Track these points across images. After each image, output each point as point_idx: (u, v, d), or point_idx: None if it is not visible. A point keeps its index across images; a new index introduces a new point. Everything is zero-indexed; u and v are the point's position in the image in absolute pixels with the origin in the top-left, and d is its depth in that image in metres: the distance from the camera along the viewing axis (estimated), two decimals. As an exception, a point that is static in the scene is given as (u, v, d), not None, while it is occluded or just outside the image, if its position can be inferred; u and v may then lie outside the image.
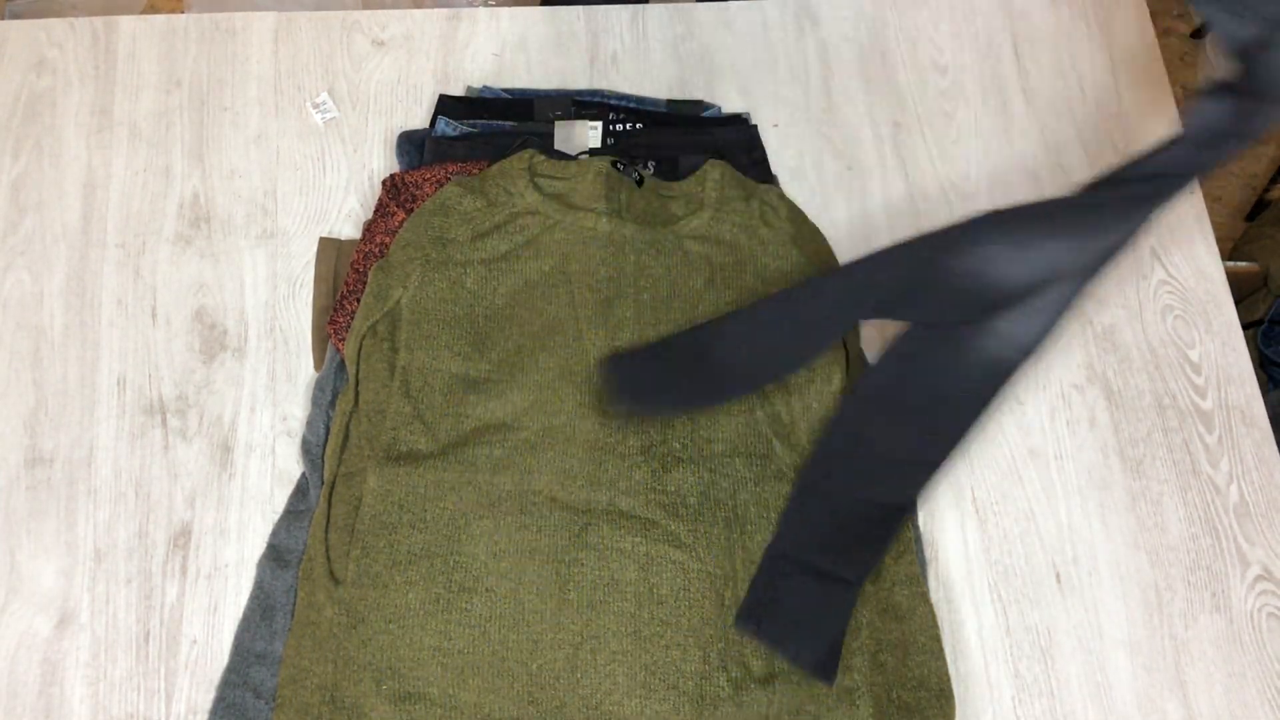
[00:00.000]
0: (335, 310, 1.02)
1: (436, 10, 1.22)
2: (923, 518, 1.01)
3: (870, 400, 0.94)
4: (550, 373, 0.97)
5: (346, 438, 0.97)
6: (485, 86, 1.17)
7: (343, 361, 1.01)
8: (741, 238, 1.04)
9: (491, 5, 1.33)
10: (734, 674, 0.89)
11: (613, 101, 1.15)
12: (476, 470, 0.94)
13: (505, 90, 1.17)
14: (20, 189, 1.12)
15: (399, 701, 0.87)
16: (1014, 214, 0.83)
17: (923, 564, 0.98)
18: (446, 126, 1.11)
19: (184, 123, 1.15)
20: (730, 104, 1.18)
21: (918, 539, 0.99)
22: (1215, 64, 2.10)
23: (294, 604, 0.95)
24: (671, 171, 1.08)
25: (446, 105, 1.14)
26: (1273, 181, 2.02)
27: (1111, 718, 0.94)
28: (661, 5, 1.24)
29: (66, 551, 0.97)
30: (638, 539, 0.92)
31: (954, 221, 0.84)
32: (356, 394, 0.98)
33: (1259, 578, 1.00)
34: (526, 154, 1.04)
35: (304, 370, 1.05)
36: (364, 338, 0.99)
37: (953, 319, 0.87)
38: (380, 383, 0.98)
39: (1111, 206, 0.82)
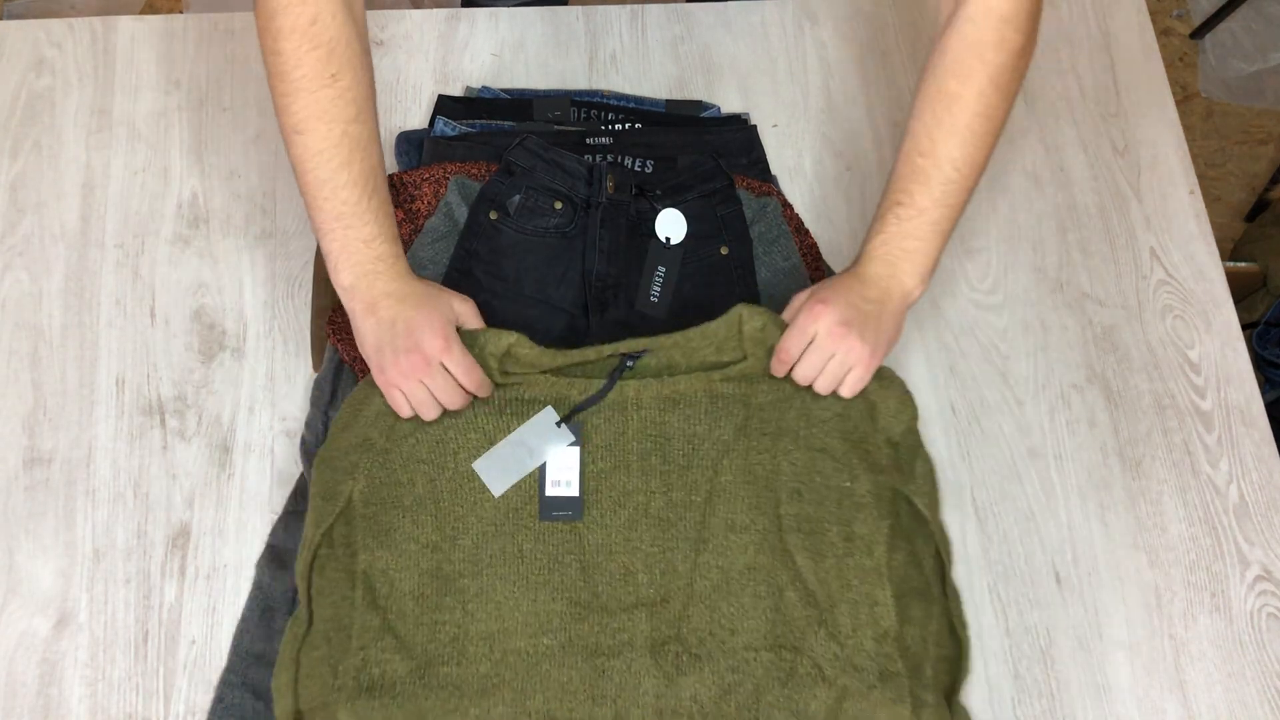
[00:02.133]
0: (334, 310, 1.02)
1: (435, 10, 1.22)
2: (922, 518, 1.01)
3: None
4: (537, 561, 0.86)
5: (298, 670, 0.85)
6: (484, 87, 1.17)
7: (341, 361, 1.01)
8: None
9: None
10: None
11: (612, 102, 1.15)
12: (463, 695, 0.81)
13: (504, 90, 1.17)
14: (19, 189, 1.11)
15: None
16: None
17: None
18: (445, 126, 1.11)
19: (183, 123, 1.15)
20: (729, 104, 1.18)
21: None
22: (1214, 65, 2.10)
23: (292, 605, 0.95)
24: (670, 169, 1.07)
25: (445, 105, 1.14)
26: (1272, 182, 2.02)
27: (1111, 718, 0.94)
28: (661, 5, 1.24)
29: (65, 552, 0.97)
30: None
31: None
32: (310, 615, 0.86)
33: (1259, 578, 1.00)
34: (504, 342, 0.89)
35: (303, 370, 1.05)
36: (318, 549, 0.88)
37: None
38: (340, 595, 0.86)
39: None
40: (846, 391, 0.89)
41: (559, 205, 1.00)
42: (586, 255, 1.01)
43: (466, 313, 0.90)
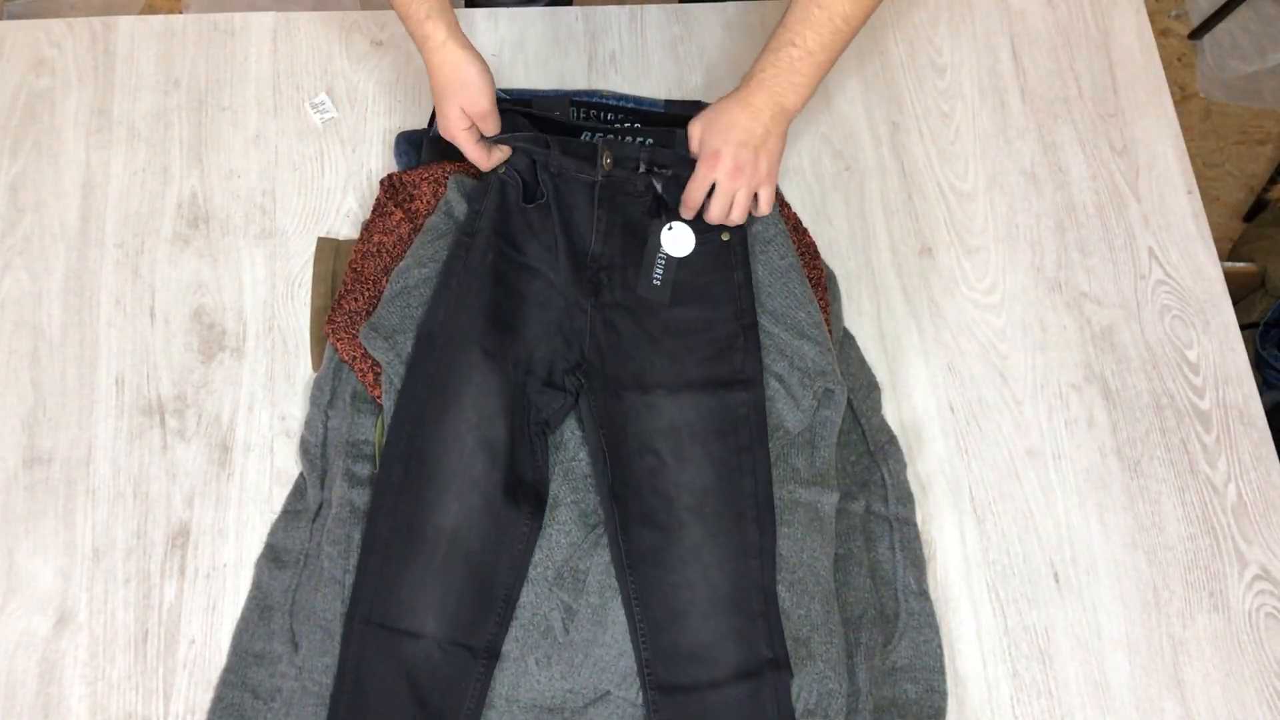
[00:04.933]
0: (333, 310, 1.02)
1: (435, 10, 1.22)
2: (921, 517, 1.01)
3: None
4: None
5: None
6: (484, 86, 1.17)
7: (341, 361, 1.01)
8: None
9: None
10: None
11: (611, 102, 1.15)
12: None
13: (504, 90, 1.17)
14: (19, 189, 1.12)
15: None
16: None
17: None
18: (445, 126, 1.11)
19: (182, 123, 1.15)
20: (728, 104, 1.18)
21: (915, 538, 0.99)
22: (1213, 65, 2.10)
23: (291, 604, 0.95)
24: (668, 145, 1.05)
25: (445, 105, 1.14)
26: (1271, 182, 2.02)
27: (1110, 717, 0.94)
28: (660, 6, 1.24)
29: (65, 551, 0.97)
30: None
31: None
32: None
33: (1257, 577, 1.00)
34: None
35: (302, 370, 1.05)
36: None
37: None
38: None
39: None
40: (763, 210, 0.99)
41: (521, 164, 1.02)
42: (579, 233, 1.01)
43: (478, 122, 0.98)
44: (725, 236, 1.01)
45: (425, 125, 1.15)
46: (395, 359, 0.97)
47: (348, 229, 1.11)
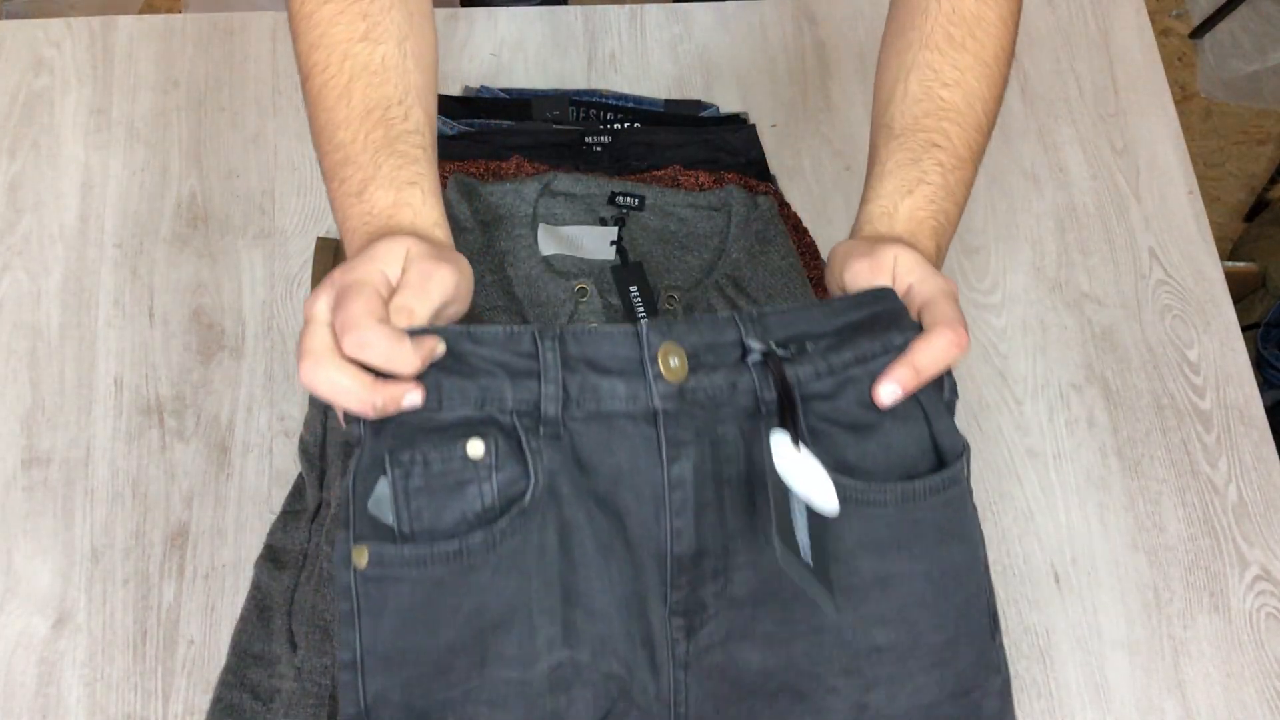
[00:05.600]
0: (333, 310, 1.01)
1: (434, 10, 1.21)
2: (921, 518, 1.01)
3: None
4: None
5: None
6: (483, 86, 1.17)
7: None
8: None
9: None
10: None
11: (610, 101, 1.15)
12: None
13: (503, 90, 1.17)
14: (17, 189, 1.11)
15: None
16: None
17: None
18: (444, 126, 1.11)
19: (182, 123, 1.15)
20: (728, 104, 1.18)
21: None
22: (1213, 65, 2.10)
23: (290, 605, 0.95)
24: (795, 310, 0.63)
25: (444, 105, 1.14)
26: (1272, 182, 2.02)
27: (1110, 718, 0.94)
28: (660, 6, 1.24)
29: (63, 552, 0.97)
30: None
31: None
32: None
33: (1257, 578, 1.00)
34: None
35: (301, 370, 1.05)
36: None
37: None
38: None
39: None
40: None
41: (474, 448, 0.52)
42: (635, 528, 0.54)
43: (412, 279, 0.53)
44: (967, 470, 0.58)
45: (424, 125, 1.15)
46: (394, 360, 0.94)
47: (347, 229, 1.11)
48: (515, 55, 1.20)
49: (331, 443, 0.99)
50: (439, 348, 0.51)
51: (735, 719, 0.53)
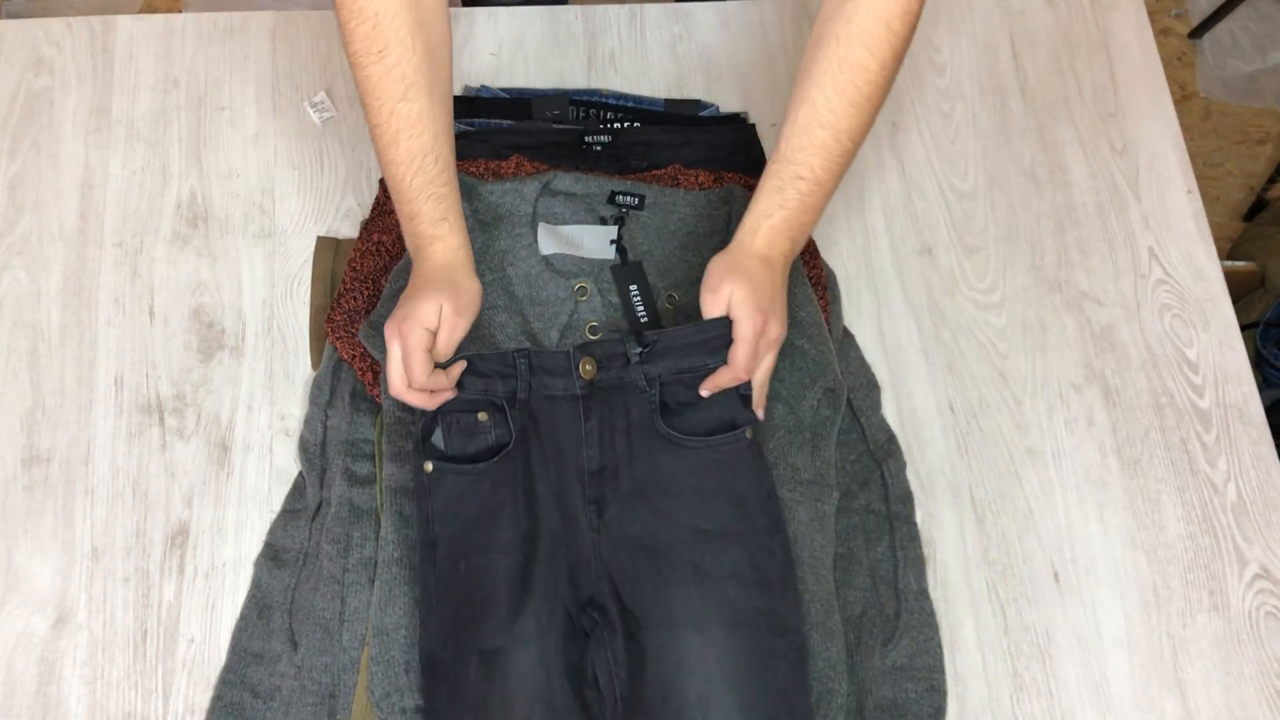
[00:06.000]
0: (332, 309, 1.02)
1: (434, 10, 1.22)
2: (921, 517, 1.01)
3: None
4: None
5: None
6: (483, 86, 1.17)
7: (340, 360, 1.01)
8: None
9: None
10: None
11: (610, 101, 1.15)
12: None
13: (503, 90, 1.17)
14: (18, 188, 1.11)
15: None
16: None
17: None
18: (444, 126, 1.11)
19: (181, 122, 1.15)
20: (728, 103, 1.18)
21: (915, 538, 0.99)
22: (1213, 64, 2.10)
23: (290, 603, 0.95)
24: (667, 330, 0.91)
25: (444, 104, 1.14)
26: (1271, 181, 2.02)
27: (1110, 717, 0.94)
28: (659, 5, 1.24)
29: (64, 550, 0.97)
30: None
31: None
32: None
33: (1257, 576, 1.00)
34: None
35: (301, 369, 1.05)
36: None
37: None
38: None
39: None
40: (759, 396, 0.89)
41: (483, 417, 0.89)
42: (565, 459, 0.89)
43: (444, 334, 0.86)
44: (750, 434, 0.88)
45: (425, 124, 1.15)
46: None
47: (347, 228, 1.11)
48: (515, 55, 1.20)
49: (331, 442, 0.99)
50: (461, 367, 0.88)
51: (624, 565, 0.86)
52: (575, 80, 1.19)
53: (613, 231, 1.03)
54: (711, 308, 0.86)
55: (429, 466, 0.88)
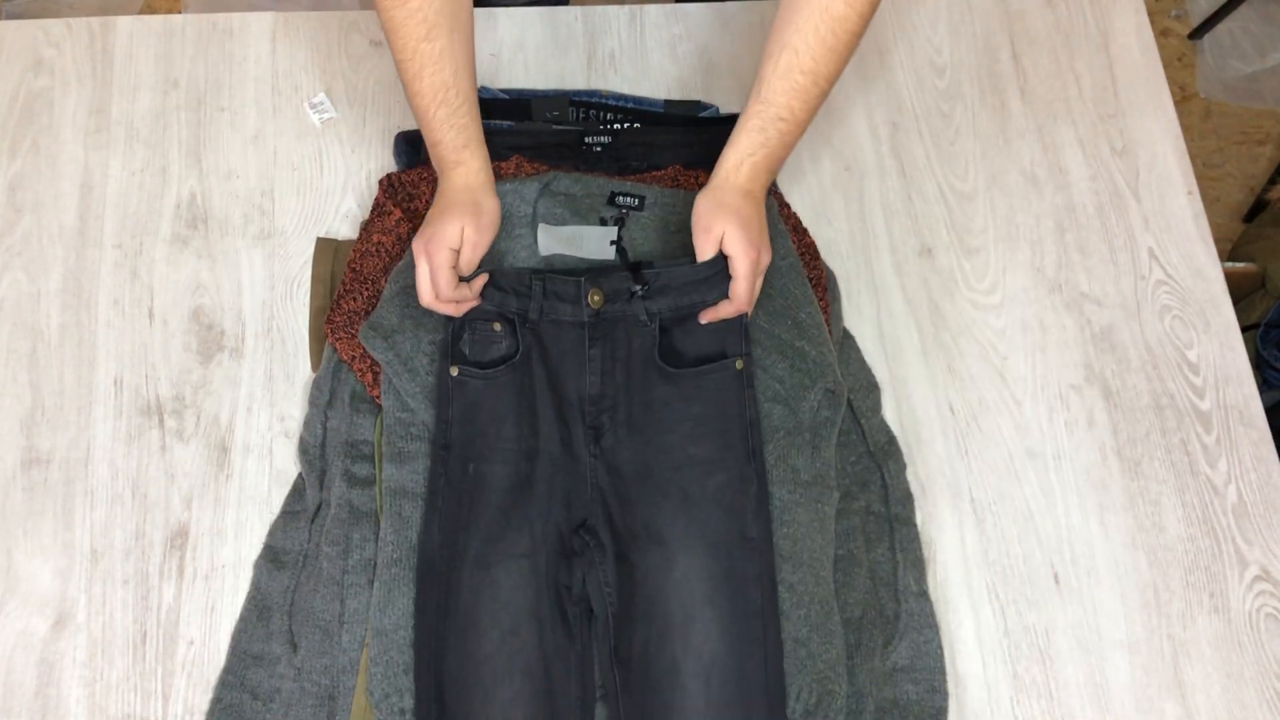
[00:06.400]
0: (332, 310, 1.02)
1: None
2: (921, 518, 1.01)
3: None
4: None
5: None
6: (483, 87, 1.17)
7: (340, 361, 1.01)
8: None
9: None
10: None
11: (610, 102, 1.15)
12: None
13: (503, 90, 1.17)
14: (17, 189, 1.11)
15: None
16: None
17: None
18: (444, 127, 1.11)
19: (181, 123, 1.15)
20: (728, 104, 1.18)
21: (915, 539, 0.99)
22: (1213, 65, 2.10)
23: (290, 605, 0.95)
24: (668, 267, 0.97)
25: (444, 105, 1.14)
26: (1271, 182, 2.02)
27: (1110, 718, 0.94)
28: (659, 6, 1.24)
29: (63, 552, 0.97)
30: None
31: None
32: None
33: (1257, 578, 1.00)
34: None
35: (301, 370, 1.05)
36: None
37: None
38: None
39: None
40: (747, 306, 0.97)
41: (497, 327, 0.96)
42: (568, 381, 0.95)
43: (466, 252, 0.93)
44: (739, 364, 0.94)
45: (424, 125, 1.15)
46: (394, 358, 0.96)
47: (347, 229, 1.11)
48: (515, 56, 1.20)
49: (331, 443, 0.99)
50: (483, 280, 0.96)
51: (617, 489, 0.93)
52: (575, 81, 1.19)
53: (613, 232, 1.03)
54: (705, 247, 0.92)
55: (454, 371, 0.95)
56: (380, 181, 1.06)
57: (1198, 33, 2.13)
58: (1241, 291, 1.73)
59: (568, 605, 0.91)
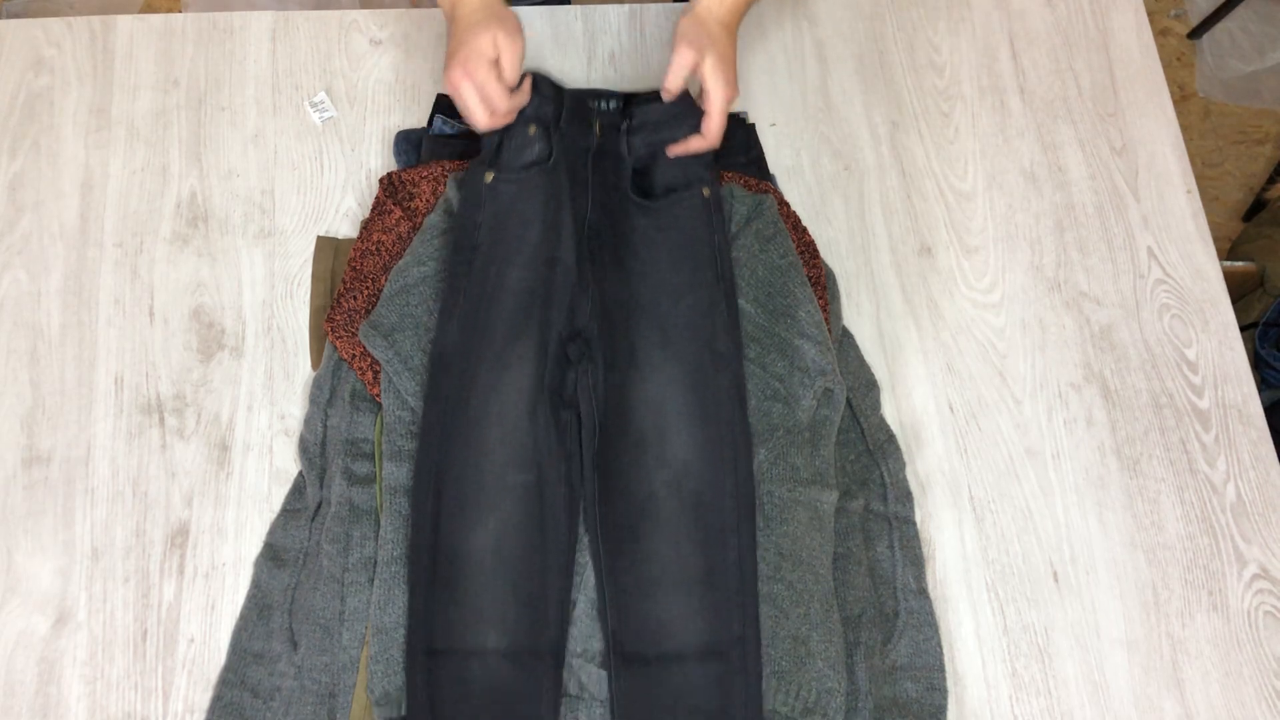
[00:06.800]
0: (332, 309, 1.02)
1: (435, 10, 1.22)
2: (920, 516, 1.01)
3: None
4: None
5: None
6: (483, 86, 1.17)
7: (340, 359, 1.01)
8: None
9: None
10: None
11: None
12: None
13: (503, 90, 1.16)
14: (18, 188, 1.12)
15: None
16: None
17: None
18: (444, 125, 1.11)
19: (181, 122, 1.15)
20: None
21: (915, 537, 0.99)
22: (1212, 65, 2.10)
23: (290, 603, 0.95)
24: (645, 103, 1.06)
25: (444, 104, 1.14)
26: (1270, 182, 2.02)
27: (1109, 716, 0.94)
28: (659, 5, 1.24)
29: (64, 550, 0.97)
30: None
31: None
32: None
33: (1256, 576, 1.00)
34: None
35: (301, 369, 1.05)
36: None
37: None
38: None
39: None
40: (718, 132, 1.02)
41: (532, 130, 1.02)
42: (577, 199, 1.02)
43: (506, 58, 0.96)
44: (706, 192, 1.01)
45: (425, 124, 1.15)
46: (394, 357, 0.97)
47: (347, 228, 1.11)
48: (515, 55, 1.20)
49: (331, 441, 0.99)
50: (529, 80, 1.01)
51: (609, 312, 0.99)
52: (575, 80, 1.19)
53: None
54: (684, 61, 0.97)
55: (489, 177, 1.00)
56: (380, 180, 1.06)
57: (1197, 32, 2.13)
58: (1240, 291, 1.73)
59: (560, 410, 0.96)
